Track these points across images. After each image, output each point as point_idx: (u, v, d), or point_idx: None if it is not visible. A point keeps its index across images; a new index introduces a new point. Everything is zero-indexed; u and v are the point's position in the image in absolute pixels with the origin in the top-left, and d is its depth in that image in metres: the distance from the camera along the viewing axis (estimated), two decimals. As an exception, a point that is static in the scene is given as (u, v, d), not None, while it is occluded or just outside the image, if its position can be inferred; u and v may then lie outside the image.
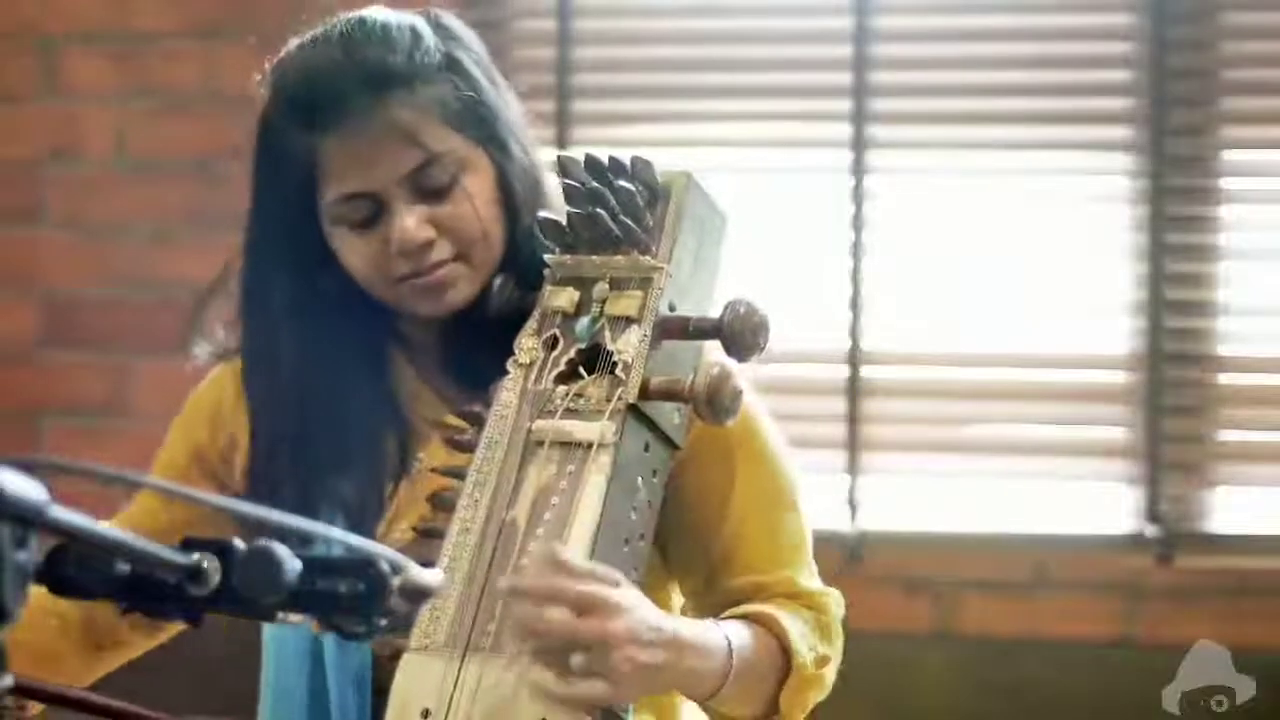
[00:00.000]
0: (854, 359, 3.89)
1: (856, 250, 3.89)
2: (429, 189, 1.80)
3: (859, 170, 3.91)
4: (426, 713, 1.61)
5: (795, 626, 1.77)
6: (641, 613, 1.58)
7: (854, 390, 3.89)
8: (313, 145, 1.79)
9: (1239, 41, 3.89)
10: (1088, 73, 3.92)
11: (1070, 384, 3.90)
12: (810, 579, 1.85)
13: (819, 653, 1.79)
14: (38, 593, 1.87)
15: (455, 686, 1.60)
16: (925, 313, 3.91)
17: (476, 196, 1.81)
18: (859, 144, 3.91)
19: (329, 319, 1.86)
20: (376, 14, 1.85)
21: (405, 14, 1.86)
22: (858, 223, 3.90)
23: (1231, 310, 3.84)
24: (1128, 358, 3.85)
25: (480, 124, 1.82)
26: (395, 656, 1.65)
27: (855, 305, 3.89)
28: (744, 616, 1.77)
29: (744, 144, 4.00)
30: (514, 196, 1.83)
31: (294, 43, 1.86)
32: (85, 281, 4.08)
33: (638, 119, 4.09)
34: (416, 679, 1.62)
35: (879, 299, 3.90)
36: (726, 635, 1.70)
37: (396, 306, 1.85)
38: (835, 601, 1.85)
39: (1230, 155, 3.89)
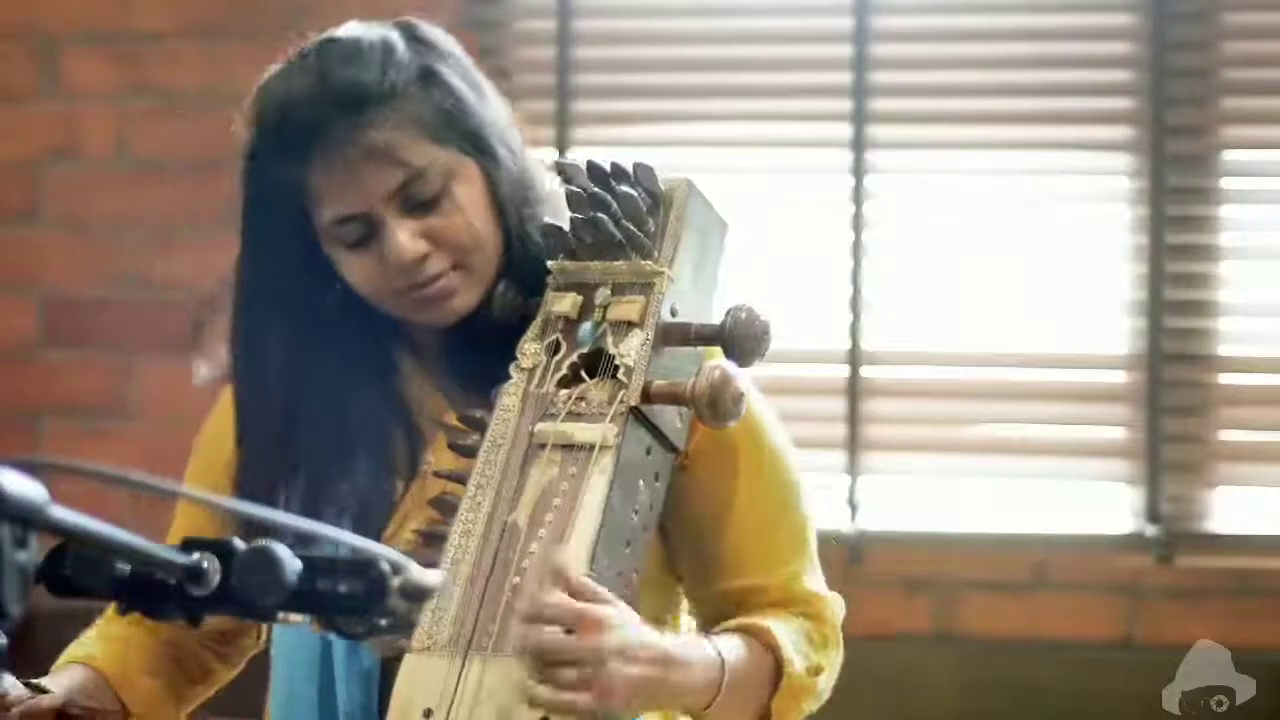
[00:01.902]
0: (854, 359, 3.89)
1: (856, 250, 3.89)
2: (417, 203, 1.80)
3: (859, 170, 3.90)
4: (429, 713, 1.61)
5: (788, 636, 1.79)
6: (632, 630, 1.61)
7: (854, 390, 3.89)
8: (298, 174, 1.80)
9: (1239, 41, 3.89)
10: (1088, 73, 3.91)
11: (1070, 384, 3.90)
12: (811, 581, 1.85)
13: (811, 661, 1.81)
14: (134, 640, 1.90)
15: (456, 687, 1.61)
16: (925, 313, 3.91)
17: (467, 205, 1.81)
18: (859, 144, 3.91)
19: (330, 332, 1.86)
20: (348, 32, 1.84)
21: (378, 28, 1.85)
22: (858, 223, 3.90)
23: (1231, 310, 3.84)
24: (1128, 358, 3.85)
25: (464, 133, 1.82)
26: (399, 658, 1.65)
27: (855, 305, 3.89)
28: (738, 629, 1.79)
29: (744, 144, 4.00)
30: (505, 201, 1.83)
31: (270, 70, 1.86)
32: (85, 281, 4.08)
33: (638, 119, 4.09)
34: (418, 679, 1.63)
35: (879, 299, 3.90)
36: (719, 650, 1.72)
37: (402, 317, 1.86)
38: (833, 607, 1.86)
39: (1230, 155, 3.89)
